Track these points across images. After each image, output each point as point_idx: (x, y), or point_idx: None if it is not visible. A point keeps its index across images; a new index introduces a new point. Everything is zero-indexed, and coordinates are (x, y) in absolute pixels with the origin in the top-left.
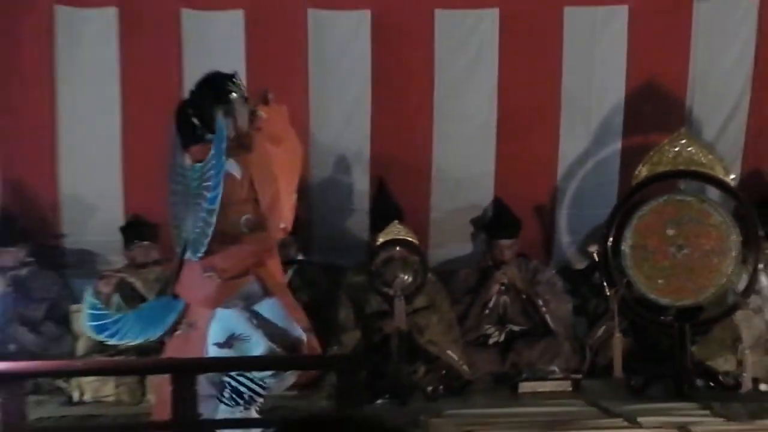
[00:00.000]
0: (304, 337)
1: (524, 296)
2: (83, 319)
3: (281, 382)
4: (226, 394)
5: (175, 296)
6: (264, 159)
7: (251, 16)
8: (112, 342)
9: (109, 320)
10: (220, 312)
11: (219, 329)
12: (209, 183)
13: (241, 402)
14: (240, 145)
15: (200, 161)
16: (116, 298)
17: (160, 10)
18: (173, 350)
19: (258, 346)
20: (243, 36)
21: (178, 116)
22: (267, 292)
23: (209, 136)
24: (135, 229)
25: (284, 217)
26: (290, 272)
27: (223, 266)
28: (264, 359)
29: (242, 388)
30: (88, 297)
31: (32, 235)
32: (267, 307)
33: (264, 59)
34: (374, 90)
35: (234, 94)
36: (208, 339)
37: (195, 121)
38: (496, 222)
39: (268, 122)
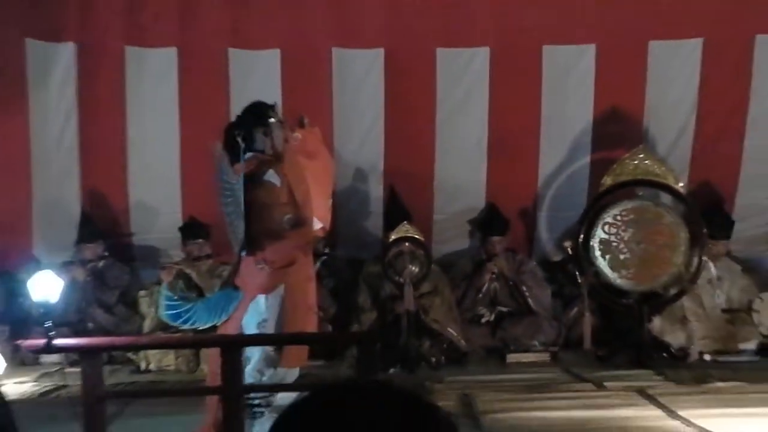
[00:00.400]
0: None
1: (511, 283)
2: (160, 309)
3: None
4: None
5: (236, 288)
6: (295, 166)
7: (286, 54)
8: (184, 327)
9: (182, 309)
10: (256, 300)
11: (254, 312)
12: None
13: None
14: (277, 159)
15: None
16: (180, 284)
17: (211, 49)
18: (222, 330)
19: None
20: (279, 70)
21: (225, 137)
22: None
23: (249, 154)
24: (191, 229)
25: (322, 218)
26: (318, 264)
27: (272, 258)
28: (296, 335)
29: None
30: (164, 290)
31: (107, 233)
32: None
33: (296, 88)
34: (387, 114)
35: (272, 119)
36: (242, 321)
37: (239, 140)
38: (489, 222)
39: (303, 141)
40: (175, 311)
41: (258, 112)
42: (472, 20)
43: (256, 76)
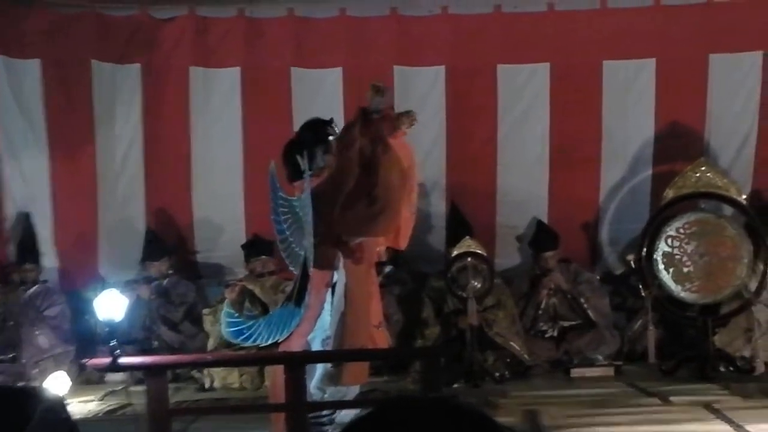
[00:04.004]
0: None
1: (569, 296)
2: (222, 326)
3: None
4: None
5: (297, 305)
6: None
7: (348, 72)
8: (247, 344)
9: (244, 326)
10: (322, 317)
11: (320, 329)
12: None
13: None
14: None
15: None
16: (247, 303)
17: (274, 68)
18: (284, 346)
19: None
20: (341, 89)
21: (284, 154)
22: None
23: (308, 173)
24: (255, 246)
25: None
26: (381, 277)
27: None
28: (361, 352)
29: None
30: (226, 308)
31: (172, 251)
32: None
33: (359, 106)
34: (448, 131)
35: (331, 137)
36: (308, 337)
37: (298, 158)
38: (539, 238)
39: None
40: (236, 328)
41: (317, 130)
42: (532, 37)
43: (319, 94)
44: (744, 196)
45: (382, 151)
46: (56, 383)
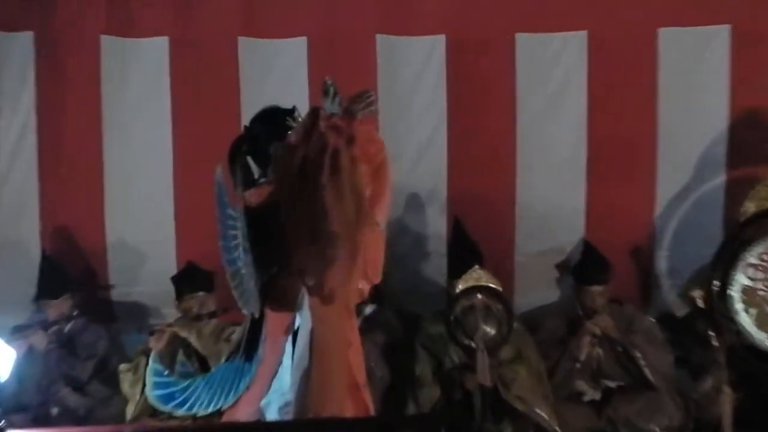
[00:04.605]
0: None
1: (620, 348)
2: (147, 387)
3: None
4: None
5: (248, 359)
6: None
7: (315, 43)
8: (180, 413)
9: (176, 388)
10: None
11: (277, 391)
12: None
13: None
14: None
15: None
16: (180, 355)
17: (216, 38)
18: (229, 415)
19: None
20: (306, 64)
21: (231, 154)
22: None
23: (262, 180)
24: (189, 279)
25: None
26: (360, 320)
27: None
28: (331, 421)
29: None
30: (153, 363)
31: (77, 285)
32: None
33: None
34: (450, 120)
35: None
36: (262, 402)
37: (250, 160)
38: (584, 266)
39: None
40: (166, 391)
41: (274, 122)
42: None
43: (277, 73)
44: None
45: (329, 172)
46: None
